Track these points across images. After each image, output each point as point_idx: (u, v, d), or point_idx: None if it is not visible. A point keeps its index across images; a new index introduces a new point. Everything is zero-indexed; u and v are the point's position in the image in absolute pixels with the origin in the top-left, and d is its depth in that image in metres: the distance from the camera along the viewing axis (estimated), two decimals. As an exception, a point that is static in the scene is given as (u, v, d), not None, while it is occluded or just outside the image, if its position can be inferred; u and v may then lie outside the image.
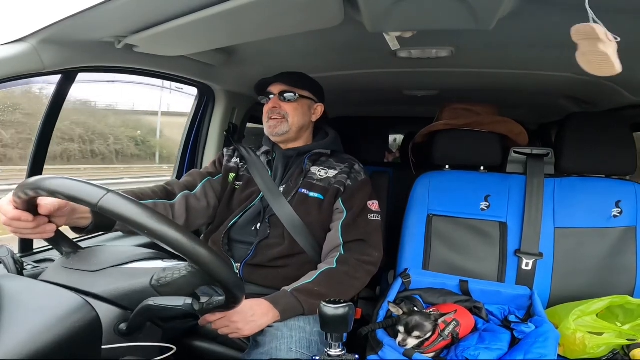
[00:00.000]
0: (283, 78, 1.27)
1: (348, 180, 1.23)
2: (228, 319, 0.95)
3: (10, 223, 0.78)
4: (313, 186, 1.22)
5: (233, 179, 1.29)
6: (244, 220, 1.22)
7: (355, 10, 0.90)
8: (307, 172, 1.24)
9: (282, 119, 1.25)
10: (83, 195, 0.61)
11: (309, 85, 1.30)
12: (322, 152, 1.28)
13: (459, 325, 1.04)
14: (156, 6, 0.89)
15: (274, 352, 0.96)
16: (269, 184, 1.23)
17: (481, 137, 1.43)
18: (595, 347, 1.03)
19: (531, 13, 0.95)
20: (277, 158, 1.29)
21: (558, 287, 1.28)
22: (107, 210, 0.61)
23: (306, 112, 1.28)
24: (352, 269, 1.12)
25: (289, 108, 1.25)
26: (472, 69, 1.52)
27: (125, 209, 0.61)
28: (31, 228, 0.80)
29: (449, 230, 1.38)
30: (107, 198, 0.61)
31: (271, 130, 1.26)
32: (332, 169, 1.25)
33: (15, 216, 0.76)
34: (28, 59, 0.94)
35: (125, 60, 1.17)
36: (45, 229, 0.82)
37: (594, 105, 1.81)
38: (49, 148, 1.19)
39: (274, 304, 1.02)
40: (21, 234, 0.83)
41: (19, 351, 0.51)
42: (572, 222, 1.31)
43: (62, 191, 0.63)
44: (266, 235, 1.18)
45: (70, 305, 0.60)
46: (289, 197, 1.21)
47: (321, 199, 1.21)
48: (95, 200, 0.61)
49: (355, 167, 1.27)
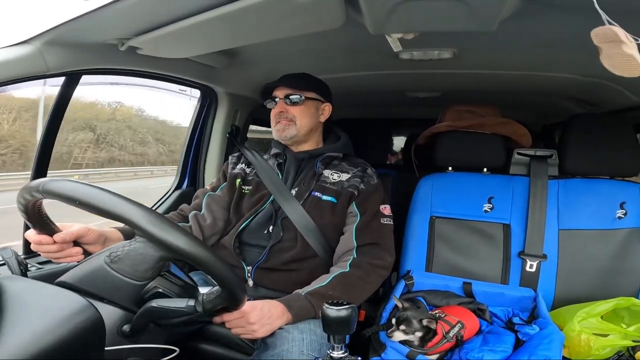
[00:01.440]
0: (288, 81, 1.27)
1: (361, 184, 1.23)
2: (245, 320, 0.94)
3: (37, 248, 0.86)
4: (326, 189, 1.22)
5: (240, 184, 1.29)
6: (256, 223, 1.22)
7: (356, 12, 0.90)
8: (319, 175, 1.24)
9: (290, 122, 1.25)
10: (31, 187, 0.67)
11: (315, 85, 1.30)
12: (334, 156, 1.28)
13: (463, 328, 1.04)
14: (159, 8, 0.89)
15: (285, 354, 0.96)
16: (279, 187, 1.23)
17: (484, 139, 1.43)
18: (600, 349, 1.02)
19: (534, 14, 0.95)
20: (289, 161, 1.28)
21: (562, 289, 1.27)
22: (51, 192, 0.65)
23: (314, 114, 1.28)
24: (365, 273, 1.12)
25: (296, 111, 1.25)
26: (474, 71, 1.52)
27: (69, 188, 0.65)
28: (54, 251, 0.87)
29: (452, 232, 1.37)
30: (49, 184, 0.65)
31: (280, 134, 1.26)
32: (345, 173, 1.25)
33: (36, 240, 0.84)
34: (32, 61, 0.94)
35: (129, 62, 1.17)
36: (72, 252, 0.89)
37: (598, 106, 1.81)
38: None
39: (288, 307, 1.01)
40: (51, 257, 0.90)
41: (22, 352, 0.51)
42: (577, 224, 1.30)
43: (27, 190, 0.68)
44: (279, 239, 1.18)
45: (73, 306, 0.60)
46: (302, 200, 1.21)
47: (334, 202, 1.21)
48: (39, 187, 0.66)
49: (367, 171, 1.27)
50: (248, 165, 1.32)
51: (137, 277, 0.70)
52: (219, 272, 0.68)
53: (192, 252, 0.65)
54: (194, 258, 0.65)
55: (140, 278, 0.70)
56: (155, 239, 0.64)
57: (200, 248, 0.66)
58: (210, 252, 0.67)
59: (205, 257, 0.66)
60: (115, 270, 0.69)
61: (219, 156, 1.81)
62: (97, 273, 0.70)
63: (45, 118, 1.19)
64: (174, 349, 0.76)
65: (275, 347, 0.98)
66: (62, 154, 5.34)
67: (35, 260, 1.15)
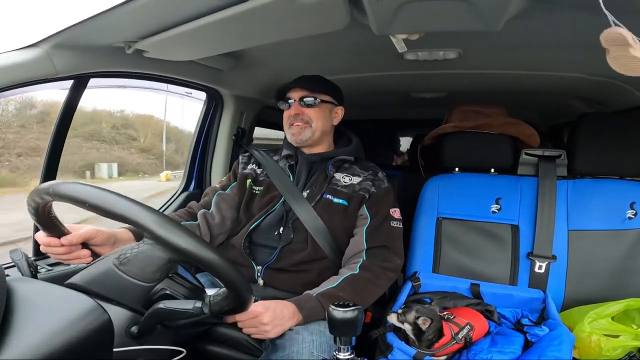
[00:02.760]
0: (302, 83, 1.27)
1: (373, 188, 1.23)
2: (259, 320, 0.95)
3: (46, 249, 0.87)
4: (337, 192, 1.22)
5: (250, 184, 1.29)
6: (266, 224, 1.22)
7: (361, 13, 0.90)
8: (331, 178, 1.24)
9: (306, 125, 1.25)
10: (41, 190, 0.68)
11: (329, 88, 1.30)
12: (346, 159, 1.28)
13: (472, 330, 1.03)
14: (164, 11, 0.90)
15: (295, 355, 0.96)
16: (290, 188, 1.23)
17: (491, 139, 1.42)
18: (611, 350, 1.01)
19: (539, 14, 0.94)
20: (300, 163, 1.28)
21: (572, 290, 1.26)
22: (61, 194, 0.66)
23: (327, 117, 1.28)
24: (375, 275, 1.12)
25: (312, 113, 1.25)
26: (480, 71, 1.51)
27: (79, 191, 0.65)
28: (62, 253, 0.88)
29: (459, 233, 1.36)
30: (59, 186, 0.66)
31: (295, 138, 1.26)
32: (356, 176, 1.25)
33: (45, 242, 0.86)
34: (41, 64, 0.95)
35: (136, 65, 1.18)
36: (80, 254, 0.90)
37: (606, 106, 1.79)
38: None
39: (299, 308, 1.01)
40: (59, 259, 0.91)
41: (32, 353, 0.52)
42: (587, 225, 1.28)
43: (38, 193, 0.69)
44: (289, 240, 1.18)
45: (83, 308, 0.60)
46: (313, 202, 1.21)
47: (345, 205, 1.21)
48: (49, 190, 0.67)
49: (379, 174, 1.28)
50: (259, 166, 1.32)
51: (146, 279, 0.70)
52: (226, 275, 0.69)
53: (200, 255, 0.65)
54: (202, 260, 0.66)
55: (148, 280, 0.70)
56: (164, 241, 0.65)
57: (208, 251, 0.66)
58: (218, 254, 0.68)
59: (213, 259, 0.66)
60: (123, 272, 0.70)
61: (225, 158, 1.81)
62: (106, 275, 0.70)
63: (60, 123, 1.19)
64: (181, 350, 0.76)
65: (285, 349, 0.98)
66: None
67: (45, 262, 1.16)
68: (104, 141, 5.61)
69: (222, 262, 0.68)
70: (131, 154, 6.06)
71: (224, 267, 0.68)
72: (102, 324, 0.61)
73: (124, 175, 5.76)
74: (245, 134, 1.86)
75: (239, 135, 1.83)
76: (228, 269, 0.68)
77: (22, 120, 3.58)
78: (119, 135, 5.87)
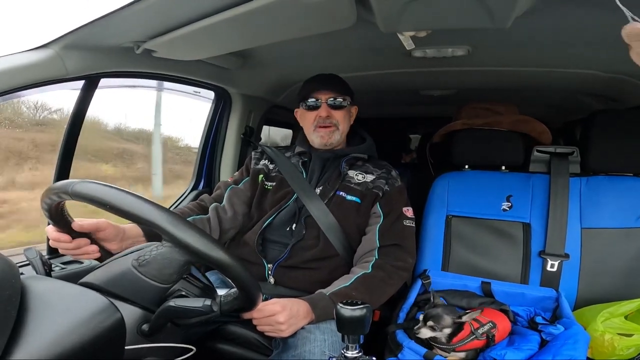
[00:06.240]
0: (329, 84, 1.25)
1: (386, 186, 1.23)
2: (275, 319, 0.95)
3: (55, 245, 0.88)
4: (350, 189, 1.22)
5: (262, 180, 1.29)
6: (279, 220, 1.22)
7: (367, 10, 0.89)
8: (344, 176, 1.24)
9: (334, 128, 1.24)
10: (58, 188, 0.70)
11: (347, 88, 1.29)
12: (359, 157, 1.27)
13: (495, 328, 1.00)
14: (173, 11, 0.90)
15: (307, 354, 0.95)
16: (303, 185, 1.23)
17: (501, 136, 1.40)
18: (624, 349, 1.00)
19: (549, 10, 0.93)
20: (314, 160, 1.28)
21: (585, 289, 1.24)
22: (80, 194, 0.67)
23: (349, 117, 1.29)
24: (388, 275, 1.12)
25: (339, 116, 1.25)
26: (489, 68, 1.49)
27: (98, 191, 0.66)
28: (71, 248, 0.88)
29: (469, 231, 1.35)
30: (77, 185, 0.67)
31: (325, 140, 1.25)
32: (370, 174, 1.25)
33: (54, 237, 0.86)
34: (52, 64, 0.96)
35: (145, 65, 1.19)
36: (87, 250, 0.91)
37: (619, 102, 1.75)
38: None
39: (313, 307, 1.01)
40: (69, 254, 0.92)
41: (46, 351, 0.53)
42: (600, 222, 1.26)
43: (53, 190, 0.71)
44: (301, 237, 1.18)
45: (96, 306, 0.61)
46: (326, 199, 1.20)
47: (359, 202, 1.21)
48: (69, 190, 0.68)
49: (392, 173, 1.27)
50: (271, 162, 1.32)
51: (163, 281, 0.72)
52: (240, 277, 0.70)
53: (219, 259, 0.67)
54: (218, 262, 0.67)
55: (165, 281, 0.72)
56: (182, 244, 0.66)
57: (223, 252, 0.67)
58: (234, 258, 0.69)
59: (227, 261, 0.67)
60: (142, 273, 0.71)
61: (234, 157, 1.82)
62: (123, 275, 0.71)
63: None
64: (191, 348, 0.76)
65: (296, 348, 0.97)
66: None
67: (59, 260, 1.17)
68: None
69: (238, 265, 0.69)
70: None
71: (239, 269, 0.69)
72: (115, 322, 0.61)
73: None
74: (253, 133, 1.87)
75: (247, 134, 1.83)
76: (242, 271, 0.70)
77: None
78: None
